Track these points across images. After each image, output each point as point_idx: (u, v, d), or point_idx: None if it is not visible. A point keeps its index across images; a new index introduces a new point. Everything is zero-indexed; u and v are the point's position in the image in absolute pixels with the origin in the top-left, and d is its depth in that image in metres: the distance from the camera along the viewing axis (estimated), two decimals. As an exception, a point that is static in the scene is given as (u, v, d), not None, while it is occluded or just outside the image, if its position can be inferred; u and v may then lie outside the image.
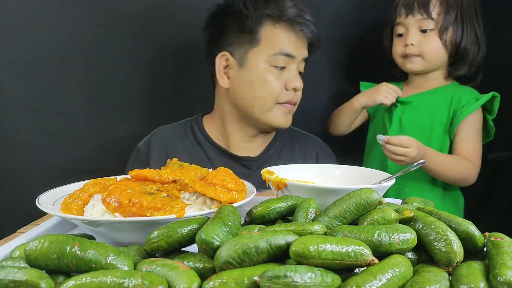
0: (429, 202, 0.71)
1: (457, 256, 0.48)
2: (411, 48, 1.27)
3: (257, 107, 1.19)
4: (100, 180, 0.78)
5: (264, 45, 1.16)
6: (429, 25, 1.25)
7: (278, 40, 1.16)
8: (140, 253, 0.54)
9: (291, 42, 1.17)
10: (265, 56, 1.16)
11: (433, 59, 1.29)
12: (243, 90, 1.19)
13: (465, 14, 1.26)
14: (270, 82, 1.17)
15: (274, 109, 1.20)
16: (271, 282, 0.40)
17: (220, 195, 0.70)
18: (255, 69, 1.17)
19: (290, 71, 1.19)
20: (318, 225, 0.52)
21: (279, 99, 1.19)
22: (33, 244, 0.47)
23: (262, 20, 1.16)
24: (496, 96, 1.27)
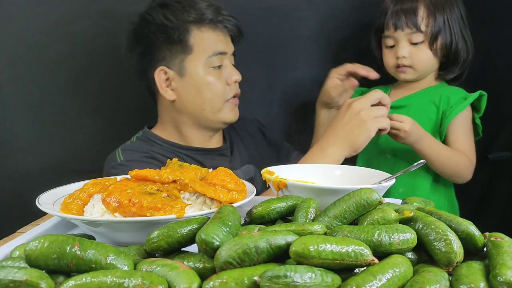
0: (429, 202, 0.71)
1: (457, 256, 0.48)
2: (403, 60, 1.29)
3: (208, 109, 1.22)
4: (100, 180, 0.78)
5: (198, 51, 1.18)
6: (418, 38, 1.26)
7: (209, 42, 1.19)
8: (140, 253, 0.54)
9: (219, 41, 1.21)
10: (202, 60, 1.18)
11: (424, 69, 1.31)
12: (191, 97, 1.21)
13: (452, 19, 1.27)
14: (214, 83, 1.20)
15: (224, 107, 1.23)
16: (271, 282, 0.40)
17: (220, 195, 0.70)
18: (196, 75, 1.19)
19: (227, 67, 1.23)
20: (318, 225, 0.52)
21: (225, 96, 1.22)
22: (33, 244, 0.47)
23: (187, 27, 1.18)
24: (483, 94, 1.28)
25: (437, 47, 1.27)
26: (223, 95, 1.22)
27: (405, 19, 1.24)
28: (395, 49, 1.30)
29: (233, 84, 1.24)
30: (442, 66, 1.33)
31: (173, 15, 1.18)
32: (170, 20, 1.17)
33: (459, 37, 1.27)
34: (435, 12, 1.24)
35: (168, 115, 1.28)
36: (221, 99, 1.22)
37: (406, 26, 1.25)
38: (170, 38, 1.18)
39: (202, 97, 1.20)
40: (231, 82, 1.22)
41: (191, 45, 1.18)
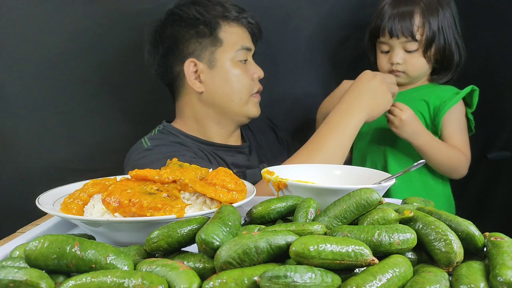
0: (429, 202, 0.71)
1: (457, 256, 0.48)
2: (397, 66, 1.31)
3: (236, 100, 1.26)
4: (100, 180, 0.78)
5: (228, 44, 1.24)
6: (413, 46, 1.27)
7: (237, 37, 1.25)
8: (140, 253, 0.54)
9: (246, 37, 1.28)
10: (231, 53, 1.24)
11: (417, 75, 1.33)
12: (220, 88, 1.25)
13: (445, 25, 1.27)
14: (243, 76, 1.25)
15: (249, 100, 1.28)
16: (271, 282, 0.40)
17: (220, 195, 0.70)
18: (226, 67, 1.24)
19: (250, 63, 1.29)
20: (318, 225, 0.52)
21: (252, 90, 1.28)
22: (33, 244, 0.47)
23: (218, 22, 1.24)
24: (475, 90, 1.29)
25: (431, 54, 1.28)
26: (249, 88, 1.26)
27: (400, 27, 1.26)
28: (390, 55, 1.31)
29: (256, 80, 1.29)
30: (435, 70, 1.35)
31: (204, 10, 1.24)
32: (202, 14, 1.23)
33: (452, 43, 1.29)
34: (430, 20, 1.25)
35: (191, 109, 1.30)
36: (248, 92, 1.26)
37: (401, 35, 1.26)
38: (201, 32, 1.23)
39: (232, 88, 1.24)
40: (255, 77, 1.28)
41: (221, 38, 1.23)
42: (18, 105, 1.42)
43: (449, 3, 1.29)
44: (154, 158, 1.16)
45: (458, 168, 1.29)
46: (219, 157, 1.27)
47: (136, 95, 1.48)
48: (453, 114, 1.29)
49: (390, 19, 1.27)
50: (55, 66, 1.42)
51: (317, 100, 1.53)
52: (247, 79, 1.26)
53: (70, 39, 1.41)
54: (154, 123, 1.35)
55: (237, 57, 1.24)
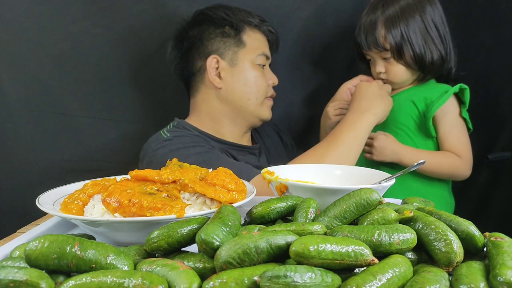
0: (429, 202, 0.71)
1: (457, 256, 0.48)
2: (381, 75, 1.34)
3: (253, 100, 1.31)
4: (100, 180, 0.78)
5: (250, 47, 1.31)
6: (387, 54, 1.30)
7: (259, 42, 1.33)
8: (140, 253, 0.54)
9: (266, 45, 1.35)
10: (252, 56, 1.31)
11: (401, 80, 1.34)
12: (239, 86, 1.30)
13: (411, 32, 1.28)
14: (261, 78, 1.31)
15: (264, 102, 1.34)
16: (271, 282, 0.40)
17: (220, 195, 0.70)
18: (247, 68, 1.30)
19: (267, 69, 1.36)
20: (318, 225, 0.52)
21: (267, 93, 1.34)
22: (33, 244, 0.47)
23: (243, 25, 1.31)
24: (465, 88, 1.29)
25: (406, 59, 1.29)
26: (265, 91, 1.33)
27: (366, 41, 1.30)
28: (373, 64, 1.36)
29: (271, 86, 1.36)
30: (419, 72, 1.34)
31: (232, 13, 1.32)
32: (229, 16, 1.31)
33: (421, 46, 1.28)
34: (392, 29, 1.27)
35: (208, 105, 1.33)
36: (264, 94, 1.33)
37: (371, 47, 1.30)
38: (226, 32, 1.30)
39: (250, 87, 1.30)
40: (270, 83, 1.35)
41: (245, 40, 1.30)
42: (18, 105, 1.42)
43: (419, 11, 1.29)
44: (173, 147, 1.19)
45: (455, 173, 1.30)
46: (232, 156, 1.30)
47: (136, 96, 1.48)
48: (444, 113, 1.29)
49: (359, 34, 1.32)
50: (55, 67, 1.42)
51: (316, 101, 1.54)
52: (264, 82, 1.32)
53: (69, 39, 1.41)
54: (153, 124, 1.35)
55: (257, 60, 1.31)
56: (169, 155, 1.15)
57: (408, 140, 1.32)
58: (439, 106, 1.27)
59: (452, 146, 1.29)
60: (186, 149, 1.19)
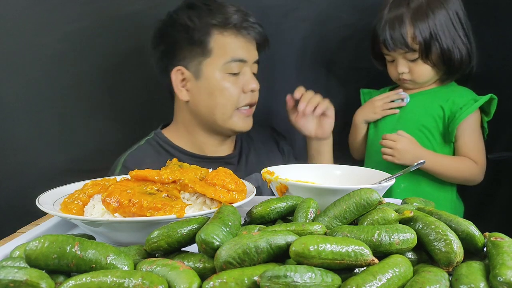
0: (429, 202, 0.71)
1: (457, 256, 0.48)
2: (404, 75, 1.29)
3: (218, 115, 1.22)
4: (100, 180, 0.78)
5: (217, 55, 1.19)
6: (413, 55, 1.25)
7: (229, 48, 1.19)
8: (140, 253, 0.54)
9: (241, 47, 1.20)
10: (219, 65, 1.18)
11: (425, 80, 1.31)
12: (203, 100, 1.22)
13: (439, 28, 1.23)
14: (228, 89, 1.20)
15: (234, 115, 1.23)
16: (271, 282, 0.40)
17: (220, 195, 0.70)
18: (211, 79, 1.19)
19: (245, 75, 1.22)
20: (318, 225, 0.52)
21: (238, 104, 1.22)
22: (33, 244, 0.47)
23: (209, 31, 1.18)
24: (494, 98, 1.26)
25: (433, 59, 1.25)
26: (235, 102, 1.21)
27: (394, 41, 1.23)
28: (395, 65, 1.30)
29: (250, 92, 1.23)
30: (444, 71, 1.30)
31: (197, 17, 1.19)
32: (193, 22, 1.18)
33: (449, 44, 1.24)
34: (420, 26, 1.22)
35: (182, 115, 1.29)
36: (232, 106, 1.21)
37: (397, 47, 1.24)
38: (191, 39, 1.19)
39: (214, 102, 1.20)
40: (247, 90, 1.22)
41: (211, 48, 1.18)
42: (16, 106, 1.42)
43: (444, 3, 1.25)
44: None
45: (470, 178, 1.28)
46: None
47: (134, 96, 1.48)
48: (468, 123, 1.26)
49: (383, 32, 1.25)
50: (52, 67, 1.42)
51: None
52: (234, 93, 1.20)
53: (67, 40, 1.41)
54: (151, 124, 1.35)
55: (226, 69, 1.19)
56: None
57: (427, 143, 1.29)
58: (467, 115, 1.24)
59: (470, 152, 1.27)
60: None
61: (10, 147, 1.43)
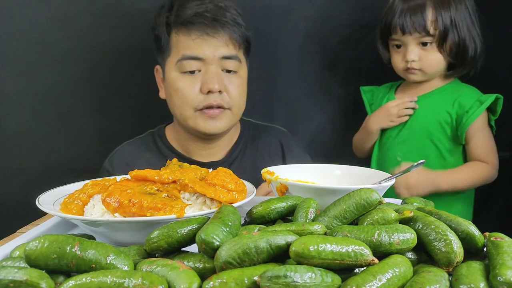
0: (429, 202, 0.71)
1: (457, 256, 0.48)
2: (413, 63, 1.26)
3: (178, 115, 1.19)
4: (100, 180, 0.78)
5: (173, 54, 1.15)
6: (428, 40, 1.24)
7: (181, 45, 1.14)
8: (140, 253, 0.54)
9: (194, 44, 1.12)
10: (173, 64, 1.15)
11: (434, 71, 1.29)
12: (168, 100, 1.21)
13: (459, 17, 1.23)
14: (182, 90, 1.14)
15: (195, 116, 1.16)
16: (271, 282, 0.40)
17: (220, 195, 0.70)
18: (169, 79, 1.17)
19: (206, 73, 1.13)
20: (318, 225, 0.52)
21: (195, 105, 1.15)
22: (33, 244, 0.47)
23: (165, 29, 1.15)
24: (500, 98, 1.26)
25: (446, 49, 1.24)
26: (191, 103, 1.14)
27: (413, 23, 1.21)
28: (404, 52, 1.27)
29: (211, 94, 1.13)
30: (450, 66, 1.30)
31: (159, 15, 1.17)
32: (155, 21, 1.18)
33: (466, 36, 1.24)
34: (442, 13, 1.21)
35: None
36: (190, 106, 1.15)
37: (414, 31, 1.22)
38: (155, 38, 1.19)
39: (172, 103, 1.18)
40: (204, 91, 1.13)
41: (170, 47, 1.15)
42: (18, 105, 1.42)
43: None
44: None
45: (484, 181, 1.30)
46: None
47: (136, 95, 1.48)
48: (477, 125, 1.26)
49: (401, 15, 1.23)
50: (55, 66, 1.42)
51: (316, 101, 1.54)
52: (190, 93, 1.13)
53: (70, 38, 1.41)
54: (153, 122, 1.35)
55: (179, 68, 1.14)
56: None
57: (434, 149, 1.29)
58: (476, 118, 1.24)
59: (481, 154, 1.28)
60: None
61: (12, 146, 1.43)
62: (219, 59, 1.14)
